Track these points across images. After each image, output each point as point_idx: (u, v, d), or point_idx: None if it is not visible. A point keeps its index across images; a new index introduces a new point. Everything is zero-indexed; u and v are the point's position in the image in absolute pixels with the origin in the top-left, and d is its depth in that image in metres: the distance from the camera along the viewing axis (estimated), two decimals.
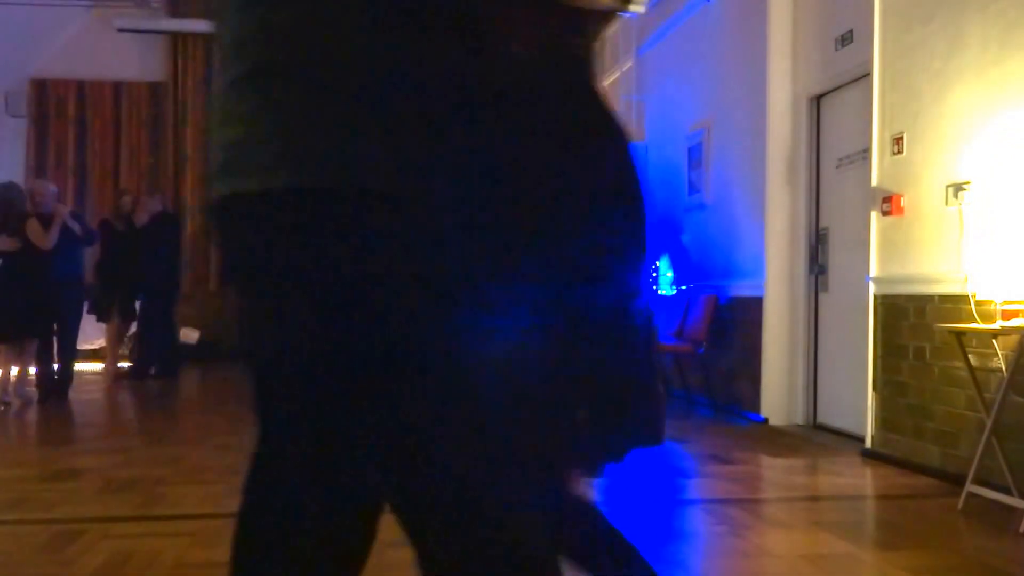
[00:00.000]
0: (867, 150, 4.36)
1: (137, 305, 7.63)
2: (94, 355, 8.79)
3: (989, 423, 3.17)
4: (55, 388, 6.17)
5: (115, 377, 7.46)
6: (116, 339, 7.66)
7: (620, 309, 1.16)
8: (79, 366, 8.33)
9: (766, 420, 5.25)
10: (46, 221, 5.93)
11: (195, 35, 10.24)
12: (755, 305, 5.32)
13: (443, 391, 0.91)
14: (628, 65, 7.72)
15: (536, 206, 1.13)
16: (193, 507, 3.19)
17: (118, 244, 7.39)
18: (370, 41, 0.92)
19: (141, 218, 7.52)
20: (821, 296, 5.14)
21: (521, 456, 1.00)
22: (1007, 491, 3.10)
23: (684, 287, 6.54)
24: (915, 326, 3.89)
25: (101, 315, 7.45)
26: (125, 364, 7.92)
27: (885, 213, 4.12)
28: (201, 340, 9.82)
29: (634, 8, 1.29)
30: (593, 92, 1.22)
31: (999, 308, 3.26)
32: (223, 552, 2.64)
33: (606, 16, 1.26)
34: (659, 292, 6.84)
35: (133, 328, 7.90)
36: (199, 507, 3.19)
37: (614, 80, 8.14)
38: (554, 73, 1.19)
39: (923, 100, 3.91)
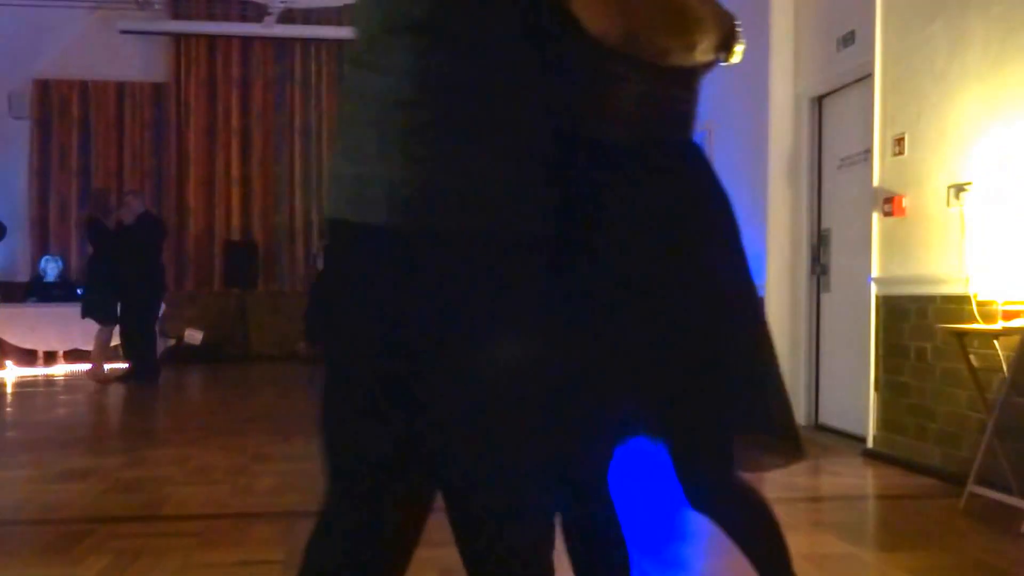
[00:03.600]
0: (869, 151, 4.37)
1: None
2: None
3: (990, 423, 3.18)
4: None
5: (103, 380, 7.42)
6: (105, 342, 7.62)
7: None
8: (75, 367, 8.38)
9: None
10: None
11: (197, 36, 10.27)
12: None
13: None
14: None
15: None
16: (199, 507, 3.21)
17: (108, 244, 7.34)
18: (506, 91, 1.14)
19: (128, 217, 7.46)
20: (823, 296, 5.15)
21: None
22: (1008, 491, 3.12)
23: None
24: (917, 327, 3.90)
25: (99, 316, 7.39)
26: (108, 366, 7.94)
27: (887, 214, 4.13)
28: (205, 341, 9.85)
29: (734, 60, 1.47)
30: (695, 145, 1.43)
31: (1000, 309, 3.27)
32: (228, 552, 2.68)
33: (707, 68, 1.42)
34: None
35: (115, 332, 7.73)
36: (205, 507, 3.21)
37: None
38: (665, 126, 1.39)
39: (925, 101, 3.92)
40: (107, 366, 7.66)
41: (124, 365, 7.81)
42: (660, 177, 1.37)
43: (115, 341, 7.79)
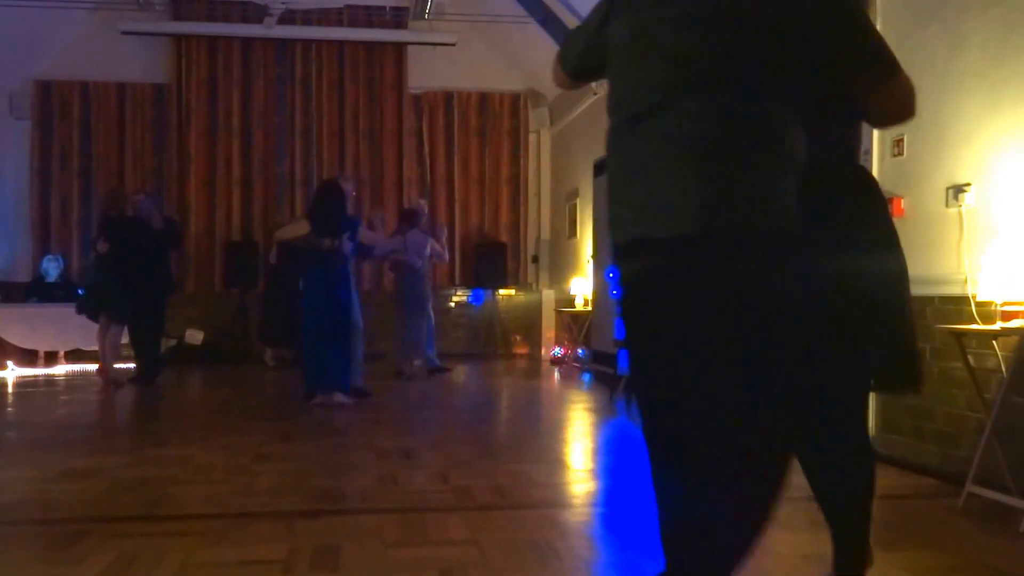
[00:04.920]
0: (868, 152, 4.37)
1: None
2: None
3: (989, 423, 3.19)
4: None
5: (112, 381, 7.34)
6: (115, 340, 7.55)
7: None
8: (85, 367, 8.39)
9: None
10: None
11: (198, 37, 10.29)
12: None
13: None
14: None
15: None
16: (200, 507, 3.22)
17: (129, 240, 7.29)
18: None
19: (156, 221, 7.49)
20: None
21: None
22: (1007, 491, 3.12)
23: None
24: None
25: (116, 313, 7.34)
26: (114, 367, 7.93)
27: None
28: (205, 341, 9.86)
29: None
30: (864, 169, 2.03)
31: (999, 309, 3.28)
32: (229, 551, 2.68)
33: None
34: None
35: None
36: (205, 507, 3.21)
37: None
38: (855, 156, 2.01)
39: (923, 102, 3.87)
40: (115, 366, 7.64)
41: (130, 365, 7.82)
42: (856, 184, 1.96)
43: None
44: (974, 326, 3.39)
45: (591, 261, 8.48)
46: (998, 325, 3.23)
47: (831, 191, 1.83)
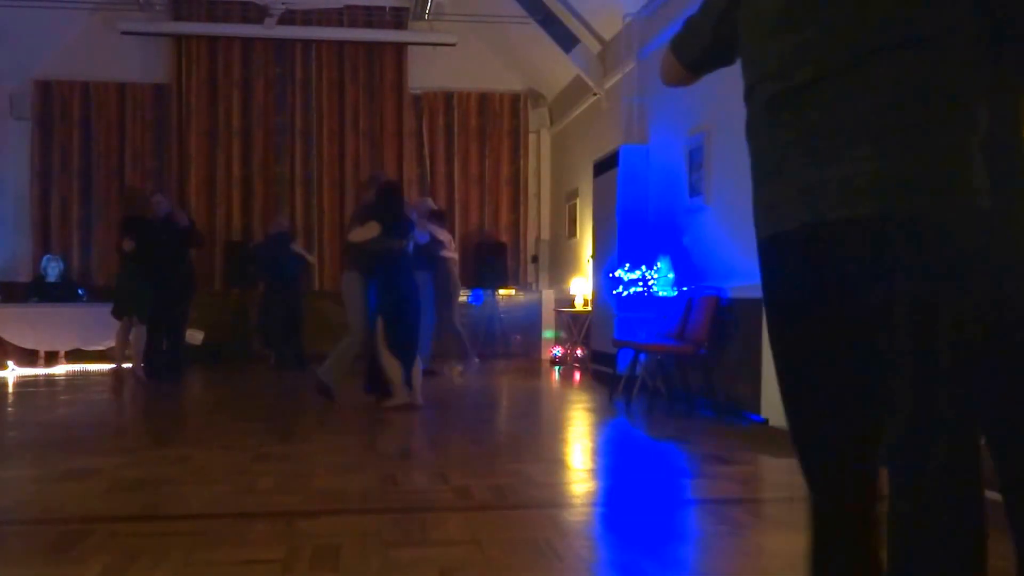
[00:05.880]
0: None
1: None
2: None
3: None
4: None
5: (120, 378, 7.40)
6: (125, 339, 7.60)
7: None
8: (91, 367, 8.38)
9: (766, 420, 5.27)
10: None
11: (198, 37, 10.30)
12: (756, 306, 5.34)
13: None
14: (630, 67, 7.74)
15: None
16: (200, 507, 3.22)
17: (155, 243, 7.37)
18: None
19: (183, 219, 7.58)
20: None
21: None
22: None
23: (685, 288, 6.56)
24: None
25: (143, 314, 7.40)
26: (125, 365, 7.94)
27: None
28: (205, 341, 9.86)
29: None
30: None
31: None
32: (229, 552, 2.68)
33: None
34: (659, 293, 6.87)
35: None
36: (206, 507, 3.22)
37: (616, 82, 8.16)
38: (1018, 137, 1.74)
39: None
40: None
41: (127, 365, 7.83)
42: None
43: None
44: None
45: (591, 261, 8.48)
46: None
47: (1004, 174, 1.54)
